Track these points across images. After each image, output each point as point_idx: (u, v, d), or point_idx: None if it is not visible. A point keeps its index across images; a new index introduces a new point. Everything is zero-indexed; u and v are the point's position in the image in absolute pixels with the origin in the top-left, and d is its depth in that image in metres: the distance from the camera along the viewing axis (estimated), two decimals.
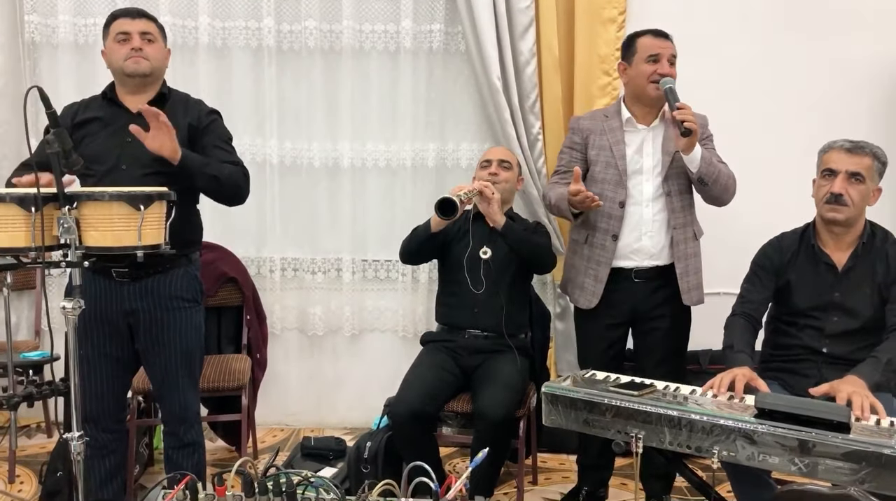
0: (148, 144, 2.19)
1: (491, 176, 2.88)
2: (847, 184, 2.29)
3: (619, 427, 2.00)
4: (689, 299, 2.66)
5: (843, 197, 2.28)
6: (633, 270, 2.65)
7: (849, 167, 2.29)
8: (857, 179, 2.29)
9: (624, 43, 2.75)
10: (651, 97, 2.60)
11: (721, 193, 2.61)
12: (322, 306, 3.72)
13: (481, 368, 2.77)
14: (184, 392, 2.43)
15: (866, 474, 1.71)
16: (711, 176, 2.54)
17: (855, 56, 3.42)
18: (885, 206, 2.53)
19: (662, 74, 2.56)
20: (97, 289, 2.32)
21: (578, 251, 2.74)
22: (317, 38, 3.53)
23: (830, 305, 2.37)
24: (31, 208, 1.82)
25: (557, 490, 3.06)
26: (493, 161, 2.93)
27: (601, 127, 2.69)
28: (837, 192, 2.29)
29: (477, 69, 3.39)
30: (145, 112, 2.16)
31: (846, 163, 2.30)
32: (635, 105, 2.67)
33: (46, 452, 3.13)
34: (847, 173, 2.29)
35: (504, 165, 2.94)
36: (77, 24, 3.53)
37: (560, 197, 2.64)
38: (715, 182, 2.56)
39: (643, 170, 2.64)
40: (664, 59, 2.58)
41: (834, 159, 2.33)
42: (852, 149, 2.31)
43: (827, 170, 2.33)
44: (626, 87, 2.73)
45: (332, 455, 3.10)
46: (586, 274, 2.69)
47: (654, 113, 2.66)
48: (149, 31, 2.37)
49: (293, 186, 3.64)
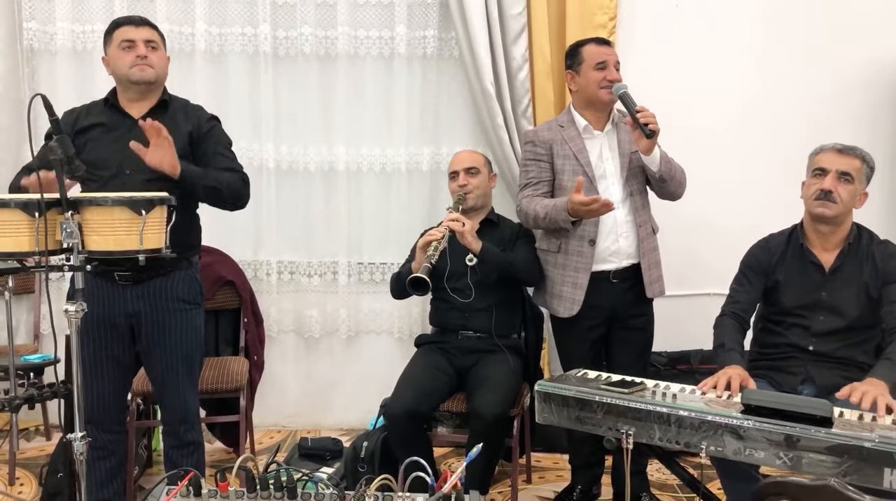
0: (147, 160, 2.21)
1: (461, 187, 2.94)
2: (837, 182, 2.35)
3: (610, 424, 2.05)
4: (651, 292, 2.74)
5: (832, 194, 2.34)
6: (612, 272, 2.70)
7: (839, 166, 2.35)
8: (846, 179, 2.35)
9: (568, 52, 2.81)
10: (604, 102, 2.69)
11: (677, 188, 2.71)
12: (318, 308, 3.76)
13: (475, 368, 2.82)
14: (184, 392, 2.47)
15: (848, 467, 1.76)
16: (669, 173, 2.65)
17: (844, 61, 3.47)
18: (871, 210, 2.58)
19: (612, 80, 2.64)
20: (100, 292, 2.36)
21: (551, 260, 2.78)
22: (312, 44, 3.58)
23: (817, 304, 2.43)
24: (35, 213, 1.85)
25: (551, 489, 3.10)
26: (459, 172, 2.97)
27: (560, 136, 2.73)
28: (827, 189, 2.34)
29: (470, 74, 3.44)
30: (146, 128, 2.19)
31: (837, 162, 2.36)
32: (587, 111, 2.73)
33: (46, 455, 3.16)
34: (837, 172, 2.35)
35: (471, 172, 2.97)
36: (75, 31, 3.56)
37: (552, 208, 2.62)
38: (672, 178, 2.66)
39: (607, 174, 2.71)
40: (611, 66, 2.66)
41: (825, 159, 2.39)
42: (843, 150, 2.38)
43: (818, 169, 2.39)
44: (575, 96, 2.78)
45: (329, 456, 3.14)
46: (563, 282, 2.72)
47: (604, 118, 2.75)
48: (152, 39, 2.41)
49: (289, 190, 3.68)
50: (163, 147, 2.21)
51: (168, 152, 2.22)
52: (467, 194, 2.94)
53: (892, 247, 2.42)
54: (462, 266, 2.84)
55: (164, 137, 2.20)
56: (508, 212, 3.31)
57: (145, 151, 2.21)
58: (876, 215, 3.35)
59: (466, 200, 2.94)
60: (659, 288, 2.79)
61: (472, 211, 2.98)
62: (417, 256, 2.75)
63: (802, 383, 2.39)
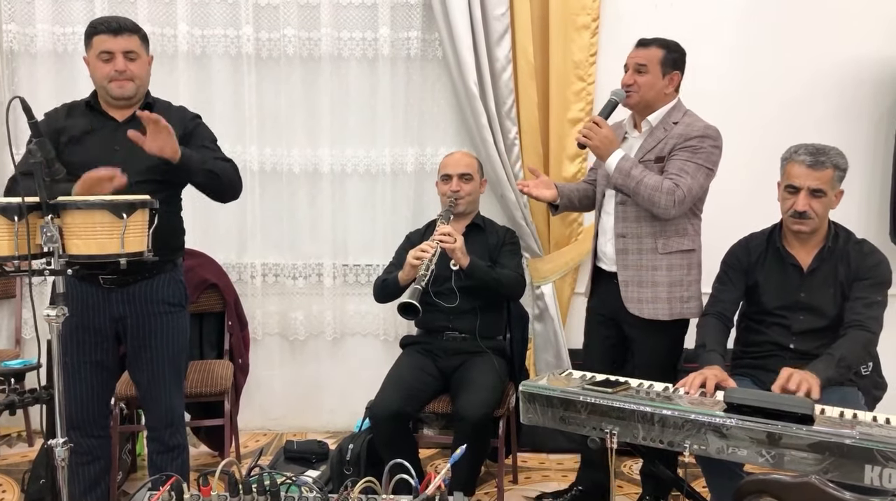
0: (147, 147, 2.17)
1: (453, 192, 2.94)
2: (809, 200, 2.36)
3: (594, 424, 2.06)
4: (637, 310, 2.61)
5: (806, 212, 2.36)
6: (612, 273, 2.70)
7: (810, 184, 2.35)
8: (818, 195, 2.36)
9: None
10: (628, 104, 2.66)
11: (648, 206, 2.52)
12: (303, 311, 3.75)
13: (460, 370, 2.82)
14: (170, 395, 2.45)
15: (830, 463, 1.78)
16: (628, 187, 2.51)
17: (823, 59, 3.50)
18: (850, 207, 2.60)
19: (623, 83, 2.62)
20: (84, 296, 2.34)
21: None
22: (295, 45, 3.57)
23: (797, 305, 2.45)
24: (15, 217, 1.84)
25: (538, 489, 3.11)
26: (453, 176, 2.96)
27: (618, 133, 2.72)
28: (801, 210, 2.36)
29: (454, 75, 3.44)
30: (144, 118, 2.15)
31: (807, 179, 2.35)
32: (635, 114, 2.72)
33: (28, 461, 3.13)
34: (809, 190, 2.35)
35: (465, 178, 2.96)
36: (56, 33, 3.54)
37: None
38: (635, 194, 2.51)
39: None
40: (630, 68, 2.63)
41: (795, 174, 2.37)
42: (813, 164, 2.35)
43: (790, 186, 2.39)
44: None
45: (315, 459, 3.13)
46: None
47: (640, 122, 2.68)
48: (131, 49, 2.33)
49: (273, 192, 3.67)
50: (163, 134, 2.17)
51: (168, 137, 2.18)
52: (458, 200, 2.94)
53: (868, 246, 2.45)
54: (447, 270, 2.83)
55: (164, 126, 2.16)
56: (493, 214, 3.32)
57: (144, 139, 2.17)
58: (856, 213, 3.40)
59: (457, 205, 2.94)
60: (651, 310, 2.60)
61: (461, 215, 2.99)
62: (407, 271, 2.75)
63: None
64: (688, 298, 2.63)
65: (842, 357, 2.25)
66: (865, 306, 2.35)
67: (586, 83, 3.46)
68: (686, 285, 2.62)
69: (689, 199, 2.51)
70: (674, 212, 2.50)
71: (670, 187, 2.47)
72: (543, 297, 3.58)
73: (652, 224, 2.59)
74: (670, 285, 2.60)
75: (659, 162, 2.57)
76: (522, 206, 3.49)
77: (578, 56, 3.45)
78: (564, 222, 3.56)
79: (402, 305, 2.55)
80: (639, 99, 2.61)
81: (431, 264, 2.69)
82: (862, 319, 2.33)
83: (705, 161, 2.54)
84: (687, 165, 2.51)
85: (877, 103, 3.52)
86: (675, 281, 2.60)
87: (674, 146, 2.55)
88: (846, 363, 2.26)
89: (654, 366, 2.61)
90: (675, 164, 2.52)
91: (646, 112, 2.64)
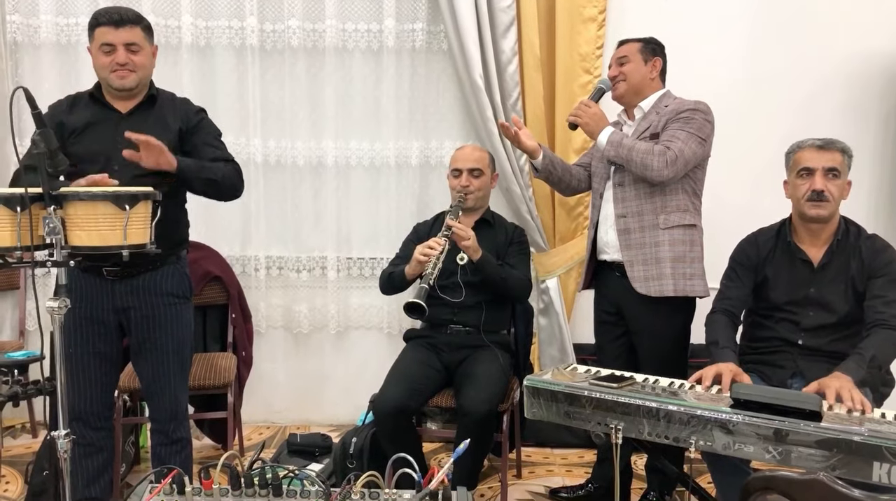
0: (144, 163, 2.20)
1: (463, 187, 2.92)
2: (826, 180, 2.34)
3: (598, 419, 2.05)
4: (645, 289, 2.60)
5: (824, 193, 2.34)
6: (613, 264, 2.70)
7: (824, 163, 2.34)
8: (834, 174, 2.35)
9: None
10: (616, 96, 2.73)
11: (641, 171, 2.53)
12: (307, 304, 3.74)
13: (464, 364, 2.80)
14: (174, 387, 2.45)
15: (837, 460, 1.76)
16: (620, 156, 2.56)
17: (831, 54, 3.47)
18: (858, 202, 2.57)
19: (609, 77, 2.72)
20: (88, 287, 2.34)
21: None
22: (300, 37, 3.55)
23: (806, 300, 2.42)
24: (17, 208, 1.83)
25: (542, 484, 3.10)
26: (462, 171, 2.94)
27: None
28: (819, 189, 2.33)
29: (459, 67, 3.42)
30: (133, 139, 2.16)
31: (821, 159, 2.35)
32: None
33: (32, 452, 3.14)
34: (824, 169, 2.34)
35: (475, 174, 2.93)
36: (59, 24, 3.53)
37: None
38: (629, 162, 2.54)
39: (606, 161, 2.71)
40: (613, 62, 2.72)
41: (807, 157, 2.37)
42: (824, 145, 2.36)
43: (803, 169, 2.37)
44: None
45: (318, 452, 3.12)
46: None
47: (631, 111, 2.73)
48: (133, 41, 2.30)
49: (277, 185, 3.66)
50: (154, 151, 2.19)
51: (162, 154, 2.20)
52: (468, 195, 2.92)
53: (880, 241, 2.42)
54: (452, 264, 2.81)
55: (155, 145, 2.17)
56: (499, 207, 3.30)
57: (139, 156, 2.19)
58: (865, 208, 3.37)
59: (466, 201, 2.92)
60: (657, 287, 2.60)
61: (470, 210, 2.97)
62: (413, 266, 2.74)
63: (792, 377, 2.39)
64: (691, 275, 2.63)
65: (873, 356, 2.20)
66: (885, 304, 2.30)
67: (592, 76, 3.43)
68: (689, 261, 2.63)
69: (681, 161, 2.51)
70: (667, 172, 2.50)
71: (661, 149, 2.51)
72: (548, 291, 3.57)
73: (652, 200, 2.61)
74: (674, 260, 2.61)
75: (654, 138, 2.60)
76: (528, 200, 3.47)
77: (585, 49, 3.43)
78: (570, 216, 3.54)
79: (409, 305, 2.54)
80: (626, 87, 2.68)
81: (439, 262, 2.67)
82: (885, 317, 2.28)
83: (697, 131, 2.56)
84: (678, 133, 2.55)
85: (885, 99, 3.49)
86: (679, 257, 2.61)
87: (667, 121, 2.60)
88: (877, 362, 2.22)
89: (660, 356, 2.62)
90: (667, 133, 2.57)
91: (636, 100, 2.69)
